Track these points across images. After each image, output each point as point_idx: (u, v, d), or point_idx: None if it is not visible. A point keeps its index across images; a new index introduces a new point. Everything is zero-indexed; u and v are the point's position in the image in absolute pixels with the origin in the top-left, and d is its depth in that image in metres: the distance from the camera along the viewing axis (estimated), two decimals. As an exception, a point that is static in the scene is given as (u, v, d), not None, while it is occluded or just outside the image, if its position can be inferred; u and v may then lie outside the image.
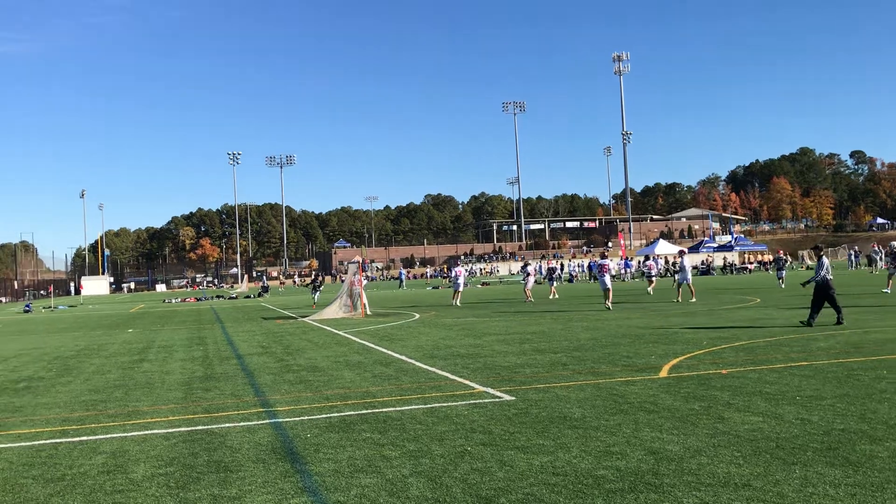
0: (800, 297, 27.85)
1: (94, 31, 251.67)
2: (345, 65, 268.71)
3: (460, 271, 35.37)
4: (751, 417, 7.85)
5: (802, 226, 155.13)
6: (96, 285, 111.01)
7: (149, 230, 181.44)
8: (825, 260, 17.25)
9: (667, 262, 73.17)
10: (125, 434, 8.51)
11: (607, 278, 26.60)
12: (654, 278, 36.34)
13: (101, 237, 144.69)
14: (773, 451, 6.49)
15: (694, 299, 28.22)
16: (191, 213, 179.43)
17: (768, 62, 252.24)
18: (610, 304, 25.43)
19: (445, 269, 30.37)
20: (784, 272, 38.11)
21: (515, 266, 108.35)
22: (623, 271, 62.54)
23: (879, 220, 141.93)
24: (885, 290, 27.12)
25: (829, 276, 17.13)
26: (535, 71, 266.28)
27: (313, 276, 36.93)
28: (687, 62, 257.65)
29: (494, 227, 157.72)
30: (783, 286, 35.71)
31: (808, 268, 71.88)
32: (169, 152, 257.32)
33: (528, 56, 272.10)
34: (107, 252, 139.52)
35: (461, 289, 34.29)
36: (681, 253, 32.42)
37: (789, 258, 42.96)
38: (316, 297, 37.61)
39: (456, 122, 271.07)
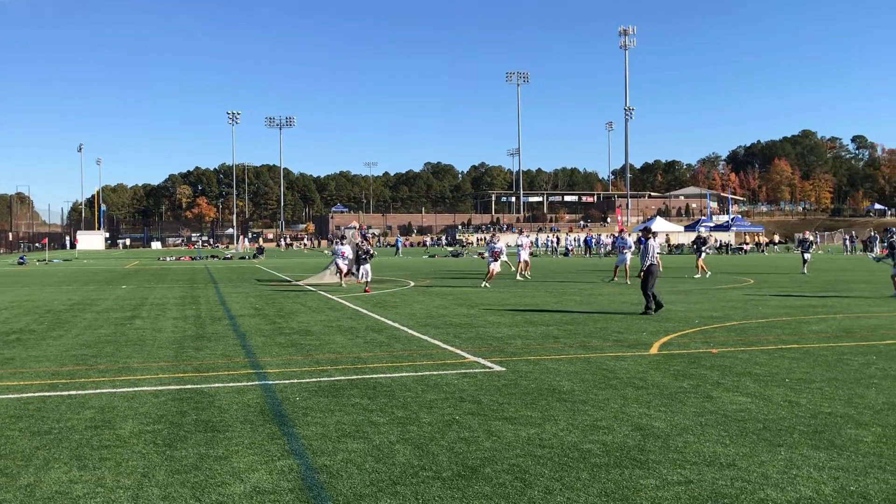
0: (801, 282, 27.91)
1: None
2: (349, 30, 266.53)
3: (526, 243, 30.25)
4: (739, 398, 7.87)
5: (801, 209, 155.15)
6: (92, 240, 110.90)
7: (146, 187, 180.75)
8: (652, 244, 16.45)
9: (667, 239, 73.21)
10: (114, 390, 8.51)
11: (627, 255, 26.87)
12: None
13: (98, 192, 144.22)
14: (760, 433, 6.52)
15: (628, 282, 25.60)
16: (188, 171, 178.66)
17: (774, 43, 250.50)
18: (628, 280, 25.75)
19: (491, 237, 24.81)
20: (810, 255, 33.66)
21: (513, 238, 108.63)
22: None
23: (877, 206, 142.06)
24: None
25: (655, 262, 16.23)
26: (540, 42, 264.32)
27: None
28: (693, 40, 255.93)
29: (493, 198, 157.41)
30: (806, 272, 31.71)
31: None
32: (169, 110, 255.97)
33: (533, 27, 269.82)
34: (103, 207, 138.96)
35: (524, 258, 29.44)
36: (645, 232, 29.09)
37: (813, 239, 36.24)
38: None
39: (458, 90, 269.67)
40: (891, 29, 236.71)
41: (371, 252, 23.67)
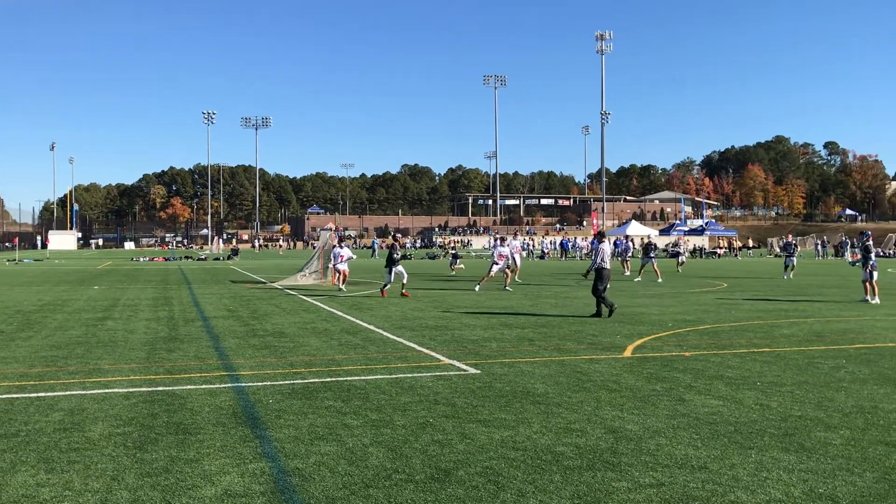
0: (773, 286, 28.20)
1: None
2: (326, 30, 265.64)
3: (517, 248, 29.59)
4: (711, 401, 7.93)
5: (774, 213, 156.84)
6: (63, 240, 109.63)
7: (119, 187, 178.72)
8: (604, 247, 16.56)
9: (643, 242, 73.67)
10: (84, 392, 8.40)
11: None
12: (629, 259, 36.31)
13: (71, 191, 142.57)
14: (731, 435, 6.57)
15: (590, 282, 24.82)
16: (163, 171, 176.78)
17: (749, 48, 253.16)
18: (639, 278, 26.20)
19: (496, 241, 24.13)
20: (794, 259, 33.04)
21: (487, 241, 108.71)
22: (590, 250, 62.87)
23: (849, 212, 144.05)
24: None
25: (606, 265, 16.25)
26: (517, 46, 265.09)
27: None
28: (668, 45, 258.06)
29: (470, 201, 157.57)
30: (790, 277, 31.46)
31: (776, 255, 72.81)
32: (143, 108, 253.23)
33: (511, 30, 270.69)
34: (76, 207, 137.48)
35: (515, 264, 27.80)
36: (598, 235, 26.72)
37: (797, 243, 34.44)
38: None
39: (436, 92, 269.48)
40: (862, 36, 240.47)
41: (401, 254, 23.81)
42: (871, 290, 19.99)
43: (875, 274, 20.11)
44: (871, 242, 20.96)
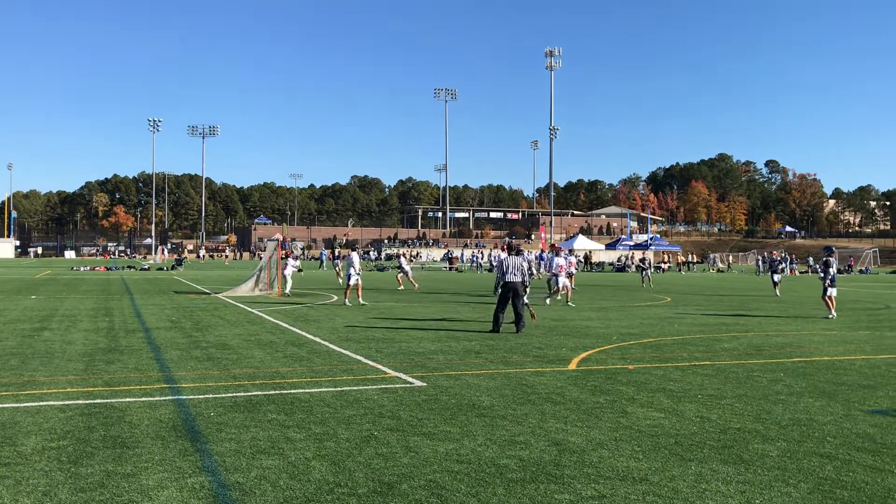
0: (715, 301, 28.75)
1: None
2: (276, 37, 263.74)
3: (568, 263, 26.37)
4: (653, 413, 8.04)
5: (716, 229, 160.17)
6: (1, 248, 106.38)
7: (60, 194, 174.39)
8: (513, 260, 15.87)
9: (586, 258, 74.54)
10: (17, 405, 8.15)
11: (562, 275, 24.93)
12: (573, 273, 36.54)
13: (9, 198, 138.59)
14: (672, 448, 6.66)
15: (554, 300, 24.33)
16: (106, 178, 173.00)
17: (695, 67, 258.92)
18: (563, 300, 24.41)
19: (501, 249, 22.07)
20: (779, 276, 31.97)
21: (439, 253, 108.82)
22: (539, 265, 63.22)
23: (788, 228, 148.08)
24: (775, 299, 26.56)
25: (514, 279, 15.80)
26: (468, 60, 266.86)
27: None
28: (617, 63, 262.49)
29: (420, 213, 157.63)
30: (779, 294, 30.53)
31: (718, 270, 74.39)
32: (86, 115, 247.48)
33: (462, 45, 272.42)
34: (14, 214, 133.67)
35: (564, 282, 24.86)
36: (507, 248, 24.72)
37: (785, 258, 32.39)
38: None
39: (387, 104, 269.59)
40: (803, 55, 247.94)
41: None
42: (828, 305, 20.21)
43: (831, 290, 20.12)
44: (832, 258, 20.74)
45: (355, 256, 24.00)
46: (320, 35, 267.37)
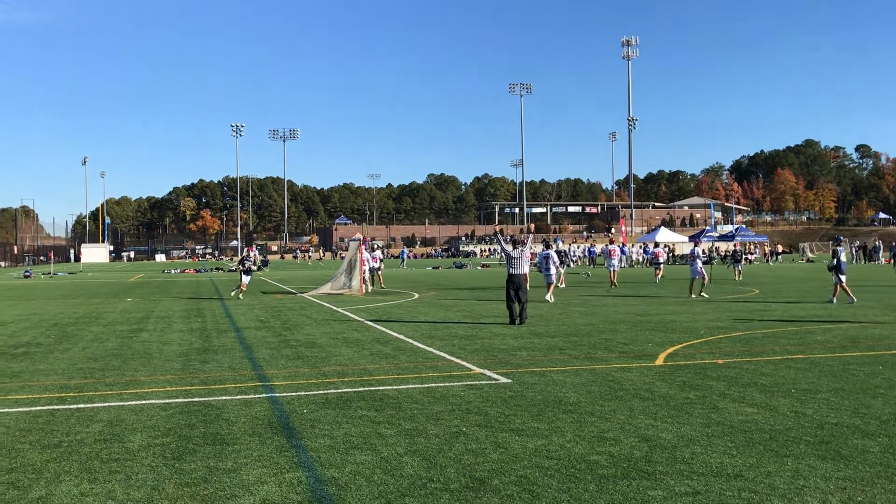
0: (805, 292, 27.85)
1: (101, 2, 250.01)
2: (353, 41, 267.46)
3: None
4: (745, 408, 7.88)
5: (805, 218, 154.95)
6: (96, 253, 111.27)
7: (150, 199, 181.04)
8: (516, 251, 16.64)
9: (671, 250, 73.04)
10: (122, 403, 8.55)
11: (698, 264, 24.28)
12: (661, 266, 35.89)
13: (102, 205, 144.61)
14: (767, 443, 6.53)
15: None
16: (192, 183, 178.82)
17: (778, 52, 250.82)
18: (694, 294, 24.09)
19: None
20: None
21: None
22: (620, 257, 62.28)
23: (882, 215, 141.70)
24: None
25: (519, 271, 16.37)
26: (542, 53, 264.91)
27: (244, 254, 28.55)
28: (696, 50, 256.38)
29: (496, 209, 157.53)
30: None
31: (808, 260, 71.91)
32: (173, 122, 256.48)
33: (536, 38, 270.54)
34: (107, 220, 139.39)
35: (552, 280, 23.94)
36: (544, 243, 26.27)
37: (878, 246, 31.76)
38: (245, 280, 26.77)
39: (462, 102, 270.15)
40: (891, 37, 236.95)
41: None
42: (835, 291, 21.22)
43: (840, 277, 20.91)
44: (839, 247, 21.94)
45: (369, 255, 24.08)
46: (395, 36, 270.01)
